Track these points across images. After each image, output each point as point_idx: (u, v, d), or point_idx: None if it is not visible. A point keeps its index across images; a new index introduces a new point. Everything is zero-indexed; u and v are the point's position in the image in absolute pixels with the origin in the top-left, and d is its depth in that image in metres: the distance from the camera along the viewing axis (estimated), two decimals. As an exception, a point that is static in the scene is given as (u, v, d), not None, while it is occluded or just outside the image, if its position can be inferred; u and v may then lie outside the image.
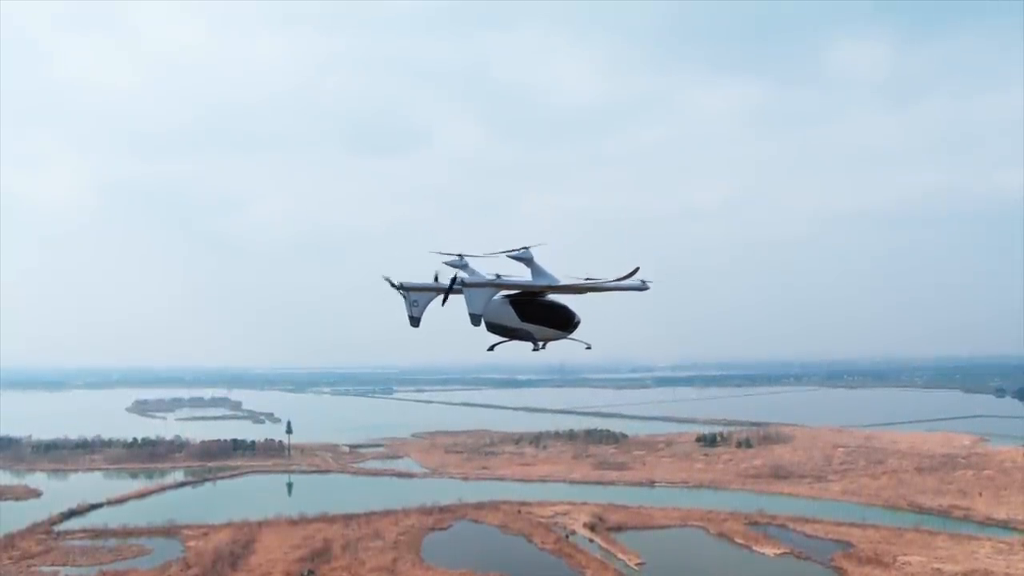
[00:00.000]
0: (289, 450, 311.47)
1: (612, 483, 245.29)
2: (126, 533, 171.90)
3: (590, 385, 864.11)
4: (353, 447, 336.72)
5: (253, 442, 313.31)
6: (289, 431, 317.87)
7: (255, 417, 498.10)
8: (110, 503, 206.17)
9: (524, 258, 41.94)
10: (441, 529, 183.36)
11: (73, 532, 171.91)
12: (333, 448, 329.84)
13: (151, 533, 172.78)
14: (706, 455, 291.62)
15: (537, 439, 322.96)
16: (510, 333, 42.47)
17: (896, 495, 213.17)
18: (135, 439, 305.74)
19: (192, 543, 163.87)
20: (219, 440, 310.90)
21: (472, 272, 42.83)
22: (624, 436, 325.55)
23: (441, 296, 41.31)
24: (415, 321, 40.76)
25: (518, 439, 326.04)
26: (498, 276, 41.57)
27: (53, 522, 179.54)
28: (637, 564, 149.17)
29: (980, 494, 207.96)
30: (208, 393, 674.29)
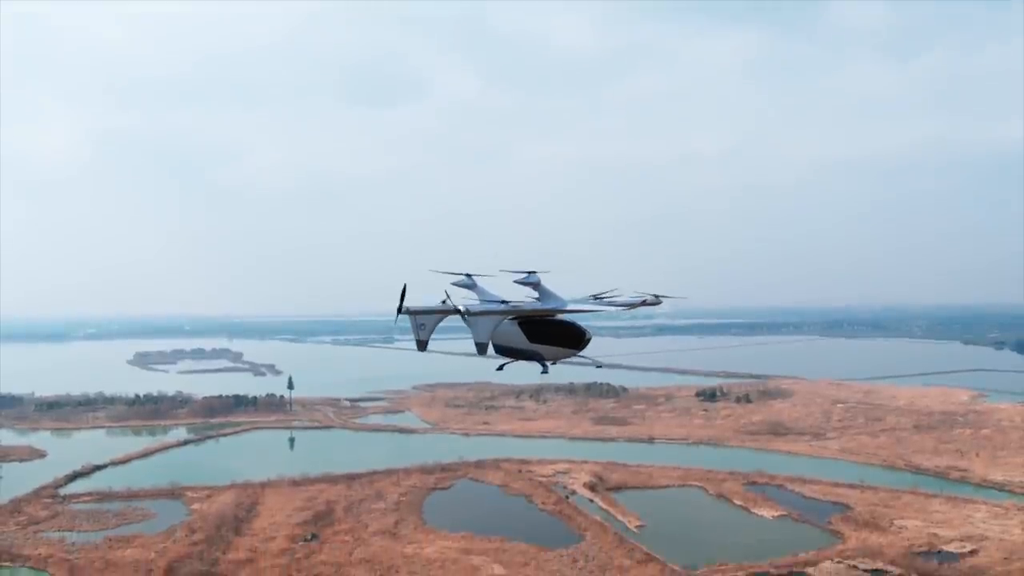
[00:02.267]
0: (291, 405, 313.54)
1: (612, 439, 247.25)
2: (131, 495, 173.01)
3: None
4: (354, 401, 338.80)
5: (255, 397, 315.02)
6: (291, 387, 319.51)
7: (256, 369, 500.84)
8: (114, 463, 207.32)
9: (531, 282, 41.01)
10: (442, 489, 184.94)
11: (78, 495, 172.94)
12: (334, 403, 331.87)
13: (155, 495, 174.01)
14: (705, 410, 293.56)
15: (537, 392, 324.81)
16: (519, 354, 41.73)
17: (894, 454, 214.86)
18: (137, 396, 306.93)
19: (196, 506, 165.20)
20: (221, 396, 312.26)
21: (480, 291, 41.86)
22: (624, 390, 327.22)
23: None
24: (422, 345, 40.24)
25: (519, 393, 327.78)
26: (505, 303, 40.59)
27: (58, 485, 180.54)
28: (637, 526, 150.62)
29: (977, 454, 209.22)
30: (209, 344, 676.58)
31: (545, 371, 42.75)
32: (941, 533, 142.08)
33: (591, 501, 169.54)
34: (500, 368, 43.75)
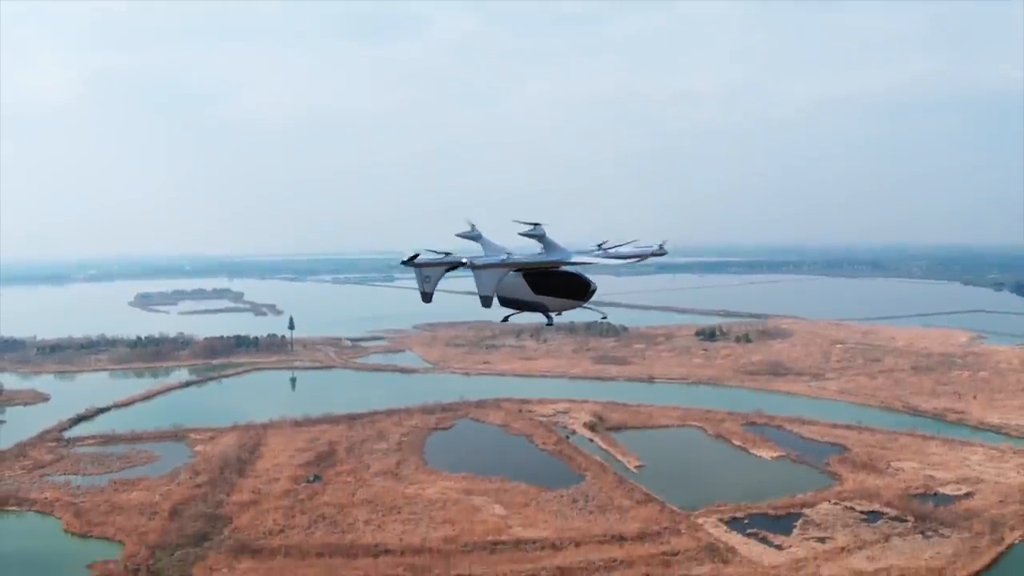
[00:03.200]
0: (292, 345, 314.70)
1: (612, 378, 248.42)
2: (134, 438, 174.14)
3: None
4: (355, 341, 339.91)
5: (256, 338, 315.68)
6: (291, 327, 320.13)
7: (257, 309, 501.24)
8: (117, 406, 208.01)
9: (536, 235, 40.68)
10: (443, 429, 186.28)
11: (82, 439, 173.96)
12: (335, 342, 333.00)
13: (159, 438, 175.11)
14: (705, 350, 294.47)
15: (538, 332, 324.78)
16: (523, 306, 41.84)
17: (892, 396, 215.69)
18: (139, 338, 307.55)
19: (199, 448, 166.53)
20: (222, 337, 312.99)
21: (485, 243, 41.53)
22: (624, 329, 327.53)
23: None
24: (427, 297, 40.19)
25: (519, 332, 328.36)
26: (509, 255, 40.29)
27: (62, 428, 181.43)
28: (636, 467, 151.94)
29: (975, 397, 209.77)
30: (210, 284, 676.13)
31: (550, 323, 42.63)
32: (937, 475, 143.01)
33: (591, 441, 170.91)
34: (505, 320, 43.61)
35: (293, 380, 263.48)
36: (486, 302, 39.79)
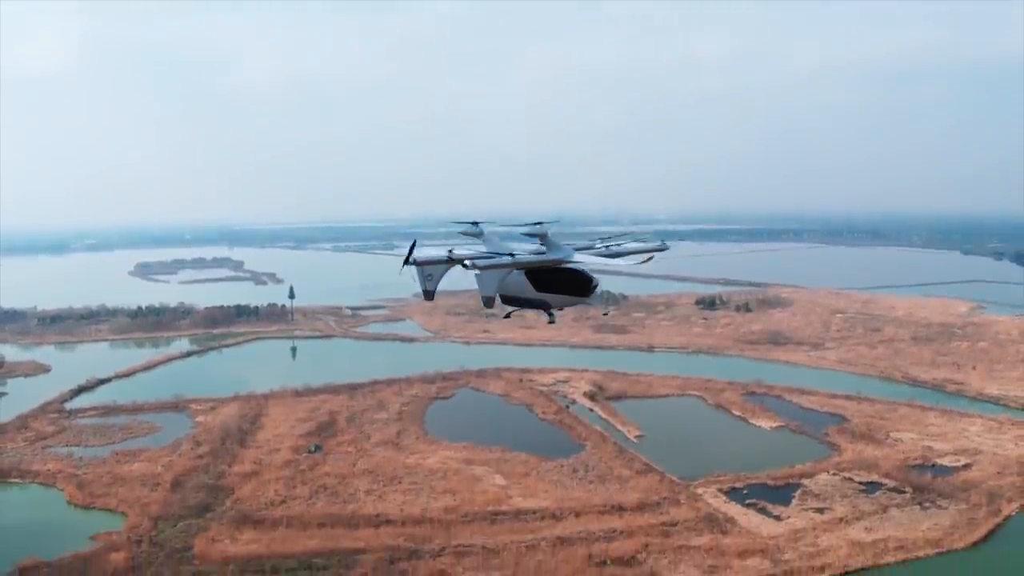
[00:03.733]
0: (292, 315, 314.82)
1: (612, 347, 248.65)
2: (136, 409, 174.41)
3: (589, 238, 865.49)
4: (355, 310, 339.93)
5: (256, 307, 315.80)
6: (292, 296, 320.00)
7: (257, 278, 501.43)
8: (118, 377, 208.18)
9: (538, 233, 40.73)
10: (444, 398, 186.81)
11: (84, 410, 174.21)
12: (336, 311, 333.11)
13: (160, 408, 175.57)
14: (705, 319, 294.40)
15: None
16: (526, 304, 41.94)
17: (891, 366, 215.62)
18: (140, 308, 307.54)
19: (201, 418, 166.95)
20: (223, 306, 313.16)
21: (488, 239, 41.50)
22: (624, 297, 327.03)
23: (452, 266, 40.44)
24: (429, 295, 40.21)
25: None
26: (512, 255, 40.10)
27: (64, 399, 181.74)
28: (636, 436, 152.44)
29: (974, 368, 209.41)
30: (209, 253, 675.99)
31: (552, 320, 42.93)
32: (936, 446, 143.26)
33: (591, 411, 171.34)
34: (507, 316, 43.79)
35: (294, 349, 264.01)
36: (488, 302, 39.90)
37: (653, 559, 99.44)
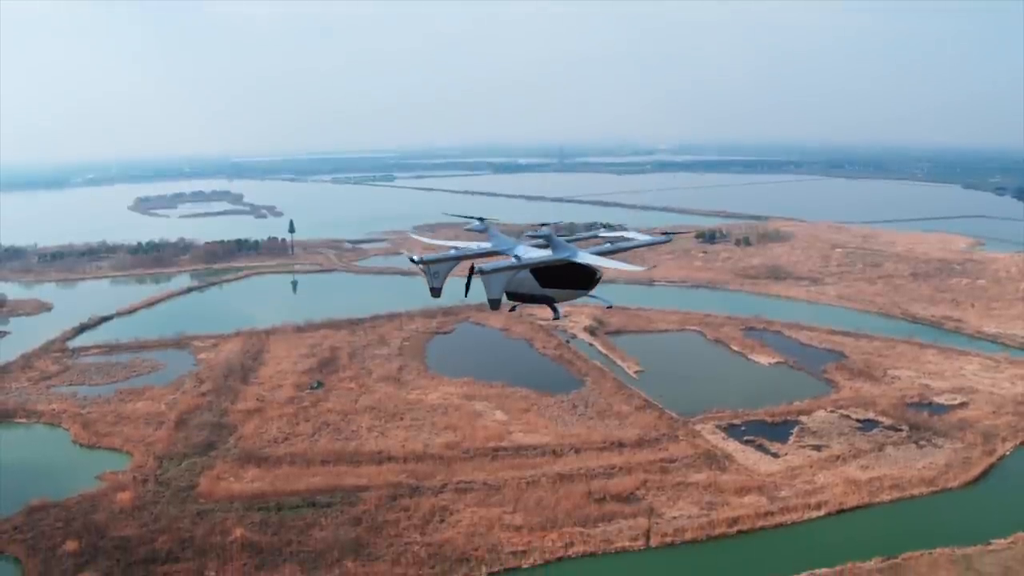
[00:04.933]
0: (292, 249, 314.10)
1: (612, 281, 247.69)
2: (138, 347, 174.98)
3: (590, 170, 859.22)
4: (355, 243, 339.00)
5: (257, 241, 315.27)
6: (292, 230, 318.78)
7: (257, 211, 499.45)
8: (120, 314, 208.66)
9: (543, 235, 41.73)
10: (444, 333, 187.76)
11: (87, 348, 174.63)
12: (336, 245, 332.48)
13: (163, 346, 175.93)
14: (705, 252, 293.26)
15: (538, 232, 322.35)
16: (531, 300, 43.04)
17: (890, 302, 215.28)
18: (140, 244, 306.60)
19: (203, 355, 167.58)
20: (223, 241, 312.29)
21: (493, 236, 42.69)
22: (624, 229, 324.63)
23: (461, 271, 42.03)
24: (436, 292, 41.26)
25: (519, 233, 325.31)
26: (518, 259, 40.87)
27: (67, 338, 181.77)
28: (636, 372, 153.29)
29: (972, 305, 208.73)
30: (209, 186, 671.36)
31: (556, 316, 44.10)
32: (933, 384, 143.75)
33: (591, 346, 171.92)
34: (513, 309, 44.84)
35: (294, 284, 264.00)
36: (495, 304, 41.34)
37: (652, 496, 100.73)
